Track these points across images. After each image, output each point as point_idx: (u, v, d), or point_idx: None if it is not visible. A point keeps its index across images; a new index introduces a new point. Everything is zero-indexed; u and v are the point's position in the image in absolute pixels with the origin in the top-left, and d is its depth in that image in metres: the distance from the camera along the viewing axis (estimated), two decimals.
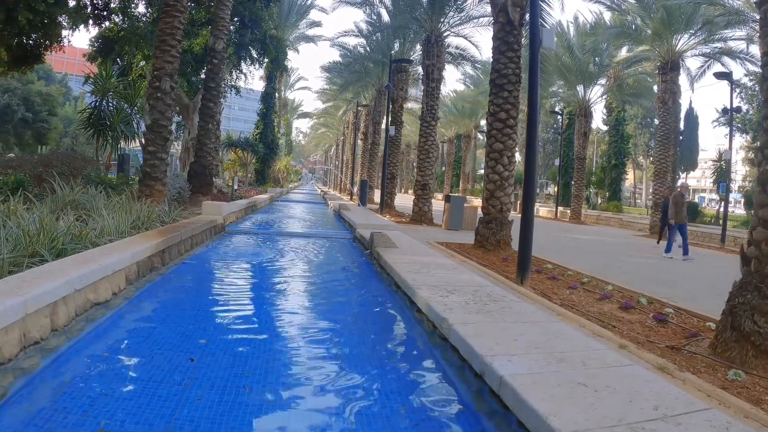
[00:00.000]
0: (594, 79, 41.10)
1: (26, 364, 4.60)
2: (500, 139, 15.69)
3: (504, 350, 4.71)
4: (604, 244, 23.17)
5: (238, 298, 8.08)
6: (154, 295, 7.50)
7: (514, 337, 5.12)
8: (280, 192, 39.82)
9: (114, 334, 5.81)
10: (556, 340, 5.17)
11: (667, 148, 32.23)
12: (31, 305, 4.77)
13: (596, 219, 41.24)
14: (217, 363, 5.14)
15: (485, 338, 5.02)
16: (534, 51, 10.73)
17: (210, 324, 6.54)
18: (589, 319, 7.73)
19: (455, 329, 5.31)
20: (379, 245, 10.91)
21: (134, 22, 27.62)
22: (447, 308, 6.07)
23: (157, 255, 8.69)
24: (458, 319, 5.61)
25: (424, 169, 25.70)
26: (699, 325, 7.91)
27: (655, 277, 13.53)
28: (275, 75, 49.00)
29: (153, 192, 15.23)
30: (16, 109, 55.52)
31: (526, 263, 10.24)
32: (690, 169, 70.84)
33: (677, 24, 28.88)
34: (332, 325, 6.76)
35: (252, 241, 14.27)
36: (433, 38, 25.65)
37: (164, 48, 15.74)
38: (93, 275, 6.13)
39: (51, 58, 42.31)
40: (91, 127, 23.14)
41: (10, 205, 10.06)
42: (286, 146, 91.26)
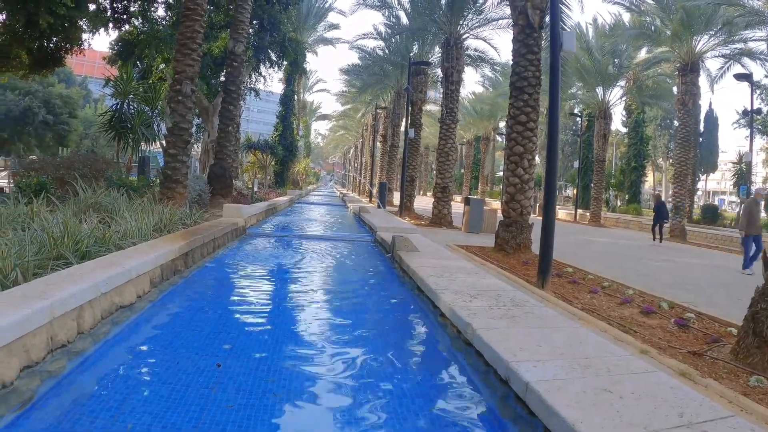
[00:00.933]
0: (613, 80, 40.91)
1: (53, 367, 4.63)
2: (520, 142, 15.67)
3: (529, 356, 4.69)
4: (623, 248, 23.03)
5: (261, 302, 8.12)
6: (178, 298, 7.54)
7: (538, 343, 5.10)
8: (299, 194, 39.84)
9: (139, 337, 5.86)
10: (580, 346, 5.16)
11: (687, 150, 32.07)
12: (57, 309, 4.80)
13: (616, 222, 41.07)
14: (241, 367, 5.15)
15: (510, 344, 5.01)
16: (555, 54, 10.70)
17: (233, 328, 6.56)
18: (611, 323, 7.73)
19: (479, 334, 5.30)
20: (401, 249, 10.89)
21: (154, 25, 27.79)
22: (471, 313, 6.05)
23: (181, 258, 8.72)
24: (482, 324, 5.60)
25: (444, 172, 25.67)
26: (720, 331, 7.90)
27: (674, 282, 13.45)
28: (294, 77, 49.05)
29: (174, 194, 15.28)
30: (37, 111, 55.90)
31: (546, 267, 10.22)
32: (710, 171, 70.46)
33: (697, 25, 28.75)
34: (355, 328, 6.76)
35: (273, 243, 14.26)
36: (452, 40, 25.61)
37: (185, 51, 15.80)
38: (118, 278, 6.16)
39: (71, 61, 42.46)
40: (112, 129, 23.23)
41: (33, 207, 10.15)
42: (305, 148, 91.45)
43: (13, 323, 4.17)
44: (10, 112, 54.18)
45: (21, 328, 4.26)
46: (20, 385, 4.18)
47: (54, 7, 16.50)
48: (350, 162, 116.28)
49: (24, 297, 4.76)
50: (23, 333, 4.29)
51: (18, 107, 54.48)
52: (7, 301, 4.60)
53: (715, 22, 28.61)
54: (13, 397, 4.07)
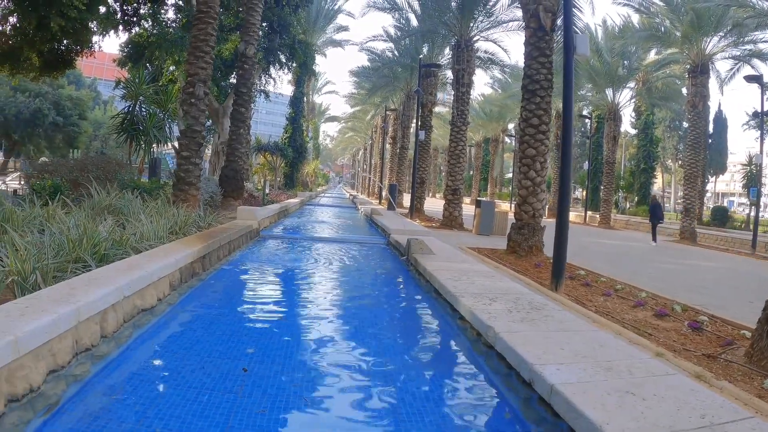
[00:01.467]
0: (623, 82, 40.85)
1: (78, 371, 4.66)
2: (533, 145, 15.66)
3: (552, 359, 4.72)
4: (633, 250, 23.00)
5: (280, 305, 8.16)
6: (197, 300, 7.56)
7: (560, 346, 5.12)
8: (309, 196, 39.97)
9: (161, 340, 5.89)
10: (601, 348, 5.17)
11: (698, 152, 32.00)
12: (83, 313, 4.84)
13: (625, 224, 41.02)
14: (266, 370, 5.16)
15: (533, 347, 5.03)
16: (568, 58, 10.71)
17: (255, 331, 6.59)
18: (625, 326, 7.74)
19: (502, 337, 5.33)
20: (416, 252, 10.90)
21: (164, 27, 27.87)
22: (491, 316, 6.07)
23: (198, 261, 8.76)
24: (504, 328, 5.62)
25: (455, 174, 25.66)
26: (733, 333, 7.90)
27: (686, 284, 13.45)
28: (304, 79, 49.07)
29: (187, 197, 15.32)
30: (47, 113, 56.09)
31: (560, 270, 10.24)
32: (719, 172, 70.23)
33: (707, 26, 28.68)
34: (375, 331, 6.81)
35: (287, 246, 14.30)
36: (462, 43, 25.61)
37: (198, 54, 15.84)
38: (140, 282, 6.20)
39: (80, 63, 42.60)
40: (124, 131, 23.34)
41: (49, 210, 10.21)
42: (314, 150, 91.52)
43: (41, 328, 4.21)
44: (21, 113, 54.37)
45: (48, 332, 4.30)
46: (47, 390, 4.21)
47: (65, 9, 16.55)
48: (359, 164, 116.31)
49: (50, 301, 4.81)
50: (50, 337, 4.33)
51: (28, 109, 54.66)
52: (34, 305, 4.64)
53: (724, 23, 28.52)
54: (40, 401, 4.10)
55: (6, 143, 62.71)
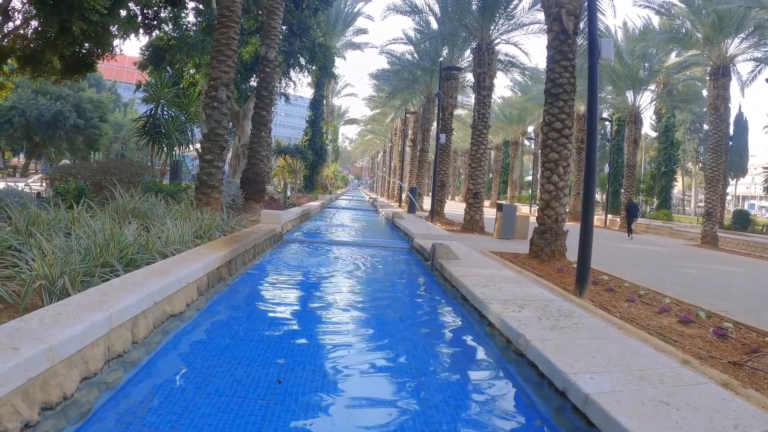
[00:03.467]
0: (643, 84, 40.68)
1: (110, 378, 4.68)
2: (555, 149, 15.56)
3: (584, 367, 4.70)
4: (655, 254, 22.82)
5: (307, 310, 8.15)
6: (224, 306, 7.58)
7: (591, 354, 5.11)
8: (330, 198, 40.07)
9: (191, 346, 5.88)
10: (632, 357, 5.14)
11: (719, 155, 31.68)
12: (116, 319, 4.87)
13: (646, 227, 40.64)
14: (298, 379, 5.14)
15: (564, 355, 5.03)
16: (593, 63, 10.63)
17: (285, 337, 6.56)
18: (651, 333, 7.67)
19: (533, 345, 5.32)
20: (442, 257, 10.86)
21: (184, 31, 27.97)
22: (522, 324, 6.07)
23: (225, 266, 8.78)
24: (535, 336, 5.61)
25: (476, 178, 25.57)
26: (759, 340, 7.85)
27: (710, 290, 13.30)
28: (323, 82, 49.14)
29: (210, 200, 15.37)
30: (68, 115, 56.73)
31: (584, 275, 10.16)
32: (740, 175, 69.88)
33: (728, 28, 28.47)
34: (404, 338, 6.77)
35: (311, 250, 14.32)
36: (483, 46, 25.53)
37: (220, 58, 15.89)
38: (170, 288, 6.23)
39: (101, 66, 42.84)
40: (146, 134, 23.45)
41: (74, 213, 10.24)
42: (334, 152, 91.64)
43: (74, 336, 4.23)
44: (42, 116, 55.00)
45: (81, 340, 4.33)
46: (79, 397, 4.23)
47: (87, 13, 16.62)
48: (379, 166, 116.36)
49: (82, 307, 4.83)
50: (83, 345, 4.36)
51: (49, 111, 55.27)
52: (66, 311, 4.66)
53: (746, 24, 28.31)
54: (73, 409, 4.11)
55: (27, 145, 63.42)
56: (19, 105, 55.01)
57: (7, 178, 50.07)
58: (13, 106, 54.83)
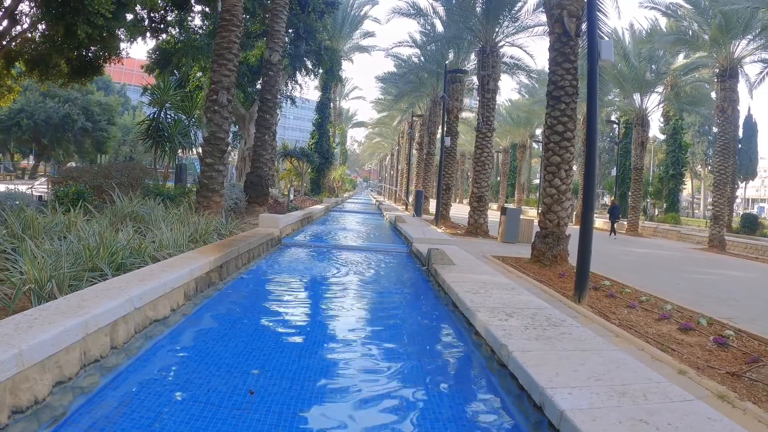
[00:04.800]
0: (650, 87, 40.33)
1: (86, 383, 4.68)
2: (557, 152, 15.44)
3: (564, 381, 4.58)
4: (661, 259, 22.66)
5: (293, 316, 8.06)
6: (212, 311, 7.53)
7: (574, 367, 4.97)
8: (335, 202, 39.67)
9: (172, 352, 5.86)
10: (617, 370, 4.99)
11: (727, 158, 31.45)
12: (92, 325, 4.85)
13: (653, 231, 40.43)
14: (274, 386, 5.09)
15: (545, 367, 4.93)
16: (593, 64, 10.55)
17: (266, 345, 6.47)
18: (648, 341, 7.56)
19: (515, 357, 5.20)
20: (437, 262, 10.75)
21: (191, 34, 28.03)
22: (506, 333, 5.95)
23: (215, 270, 8.74)
24: (518, 346, 5.48)
25: (480, 181, 25.40)
26: (760, 349, 7.62)
27: (715, 295, 13.14)
28: (330, 85, 49.24)
29: (210, 203, 15.38)
30: (76, 118, 57.05)
31: (584, 281, 10.05)
32: (749, 178, 69.48)
33: (735, 29, 28.24)
34: (390, 346, 6.68)
35: (308, 254, 14.20)
36: (488, 48, 25.39)
37: (221, 62, 15.91)
38: (152, 293, 6.19)
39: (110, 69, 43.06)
40: (149, 138, 23.50)
41: (70, 217, 10.24)
42: (341, 155, 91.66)
43: (47, 340, 4.23)
44: (50, 119, 55.29)
45: (54, 345, 4.32)
46: (53, 401, 4.24)
47: (92, 17, 16.66)
48: (386, 169, 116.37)
49: (59, 312, 4.82)
50: (56, 350, 4.35)
51: (58, 114, 55.57)
52: (42, 317, 4.66)
53: (753, 26, 28.10)
54: (46, 412, 4.12)
55: (36, 148, 63.75)
56: (28, 108, 55.35)
57: (15, 180, 50.42)
58: (22, 109, 55.18)
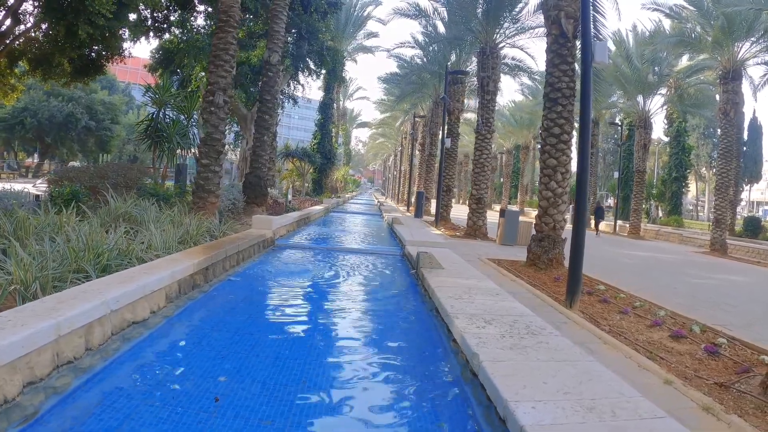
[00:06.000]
0: (653, 89, 40.24)
1: (58, 383, 4.70)
2: (554, 155, 15.39)
3: (531, 395, 4.43)
4: (661, 262, 22.56)
5: (274, 319, 8.03)
6: (194, 314, 7.50)
7: (544, 379, 4.81)
8: (335, 203, 39.37)
9: (149, 354, 5.84)
10: (590, 383, 4.81)
11: (729, 160, 31.35)
12: (64, 327, 4.87)
13: (656, 234, 40.32)
14: (245, 391, 5.07)
15: (514, 379, 4.76)
16: (586, 66, 10.51)
17: (243, 347, 6.43)
18: (637, 348, 7.48)
19: (484, 367, 5.05)
20: (425, 266, 10.62)
21: (193, 34, 28.06)
22: (480, 342, 5.78)
23: (200, 273, 8.72)
24: (489, 356, 5.34)
25: (479, 183, 25.34)
26: (752, 359, 7.47)
27: (712, 300, 13.03)
28: (333, 85, 49.34)
29: (206, 204, 15.38)
30: (79, 117, 57.20)
31: (575, 286, 9.99)
32: (754, 181, 69.24)
33: (738, 31, 28.14)
34: (366, 355, 6.55)
35: (299, 256, 14.14)
36: (488, 50, 25.34)
37: (218, 63, 15.91)
38: (131, 295, 6.21)
39: (115, 69, 43.14)
40: (148, 138, 23.51)
41: (62, 218, 10.25)
42: (345, 156, 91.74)
43: (16, 342, 4.26)
44: (54, 117, 55.47)
45: (24, 346, 4.35)
46: (23, 401, 4.27)
47: (93, 18, 16.69)
48: (390, 170, 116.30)
49: (33, 314, 4.86)
50: (27, 351, 4.38)
51: (61, 113, 55.75)
52: (16, 318, 4.69)
53: (756, 28, 27.99)
54: (16, 412, 4.16)
55: (40, 146, 63.98)
56: (31, 106, 55.50)
57: (19, 178, 50.51)
58: (25, 108, 55.30)
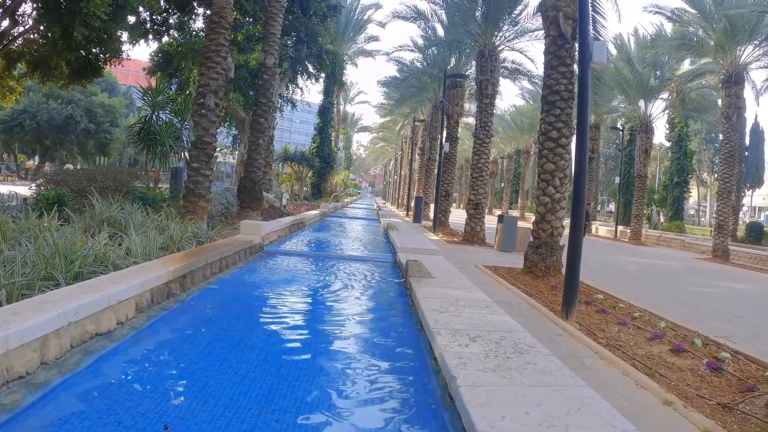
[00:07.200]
0: (655, 93, 40.12)
1: (8, 400, 4.45)
2: (552, 159, 15.09)
3: (509, 427, 3.85)
4: (662, 269, 22.25)
5: (250, 333, 7.48)
6: (166, 325, 7.12)
7: (526, 409, 4.19)
8: (333, 207, 38.78)
9: (111, 369, 5.49)
10: (577, 413, 4.21)
11: (732, 165, 31.11)
12: (13, 341, 4.59)
13: (657, 239, 40.04)
14: (206, 414, 4.70)
15: (492, 408, 4.16)
16: (584, 66, 10.25)
17: (213, 363, 6.02)
18: (635, 364, 7.07)
19: (461, 393, 4.45)
20: (414, 275, 10.17)
21: (192, 37, 27.95)
22: (461, 363, 5.17)
23: (176, 281, 8.36)
24: (468, 380, 4.74)
25: (477, 188, 25.10)
26: (758, 375, 7.01)
27: (715, 310, 12.67)
28: (332, 89, 49.28)
29: (196, 209, 15.16)
30: (79, 119, 57.36)
31: (572, 296, 9.68)
32: (756, 186, 69.22)
33: (741, 35, 27.97)
34: (342, 377, 5.93)
35: (287, 264, 13.68)
36: (486, 52, 25.10)
37: (209, 65, 15.74)
38: (93, 306, 5.87)
39: (116, 71, 42.97)
40: (140, 141, 23.36)
41: (42, 222, 10.01)
42: (346, 160, 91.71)
43: None
44: (53, 120, 55.68)
45: None
46: None
47: (88, 19, 16.57)
48: (390, 174, 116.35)
49: None
50: None
51: (60, 115, 55.96)
52: None
53: (760, 31, 27.82)
54: None
55: (39, 148, 64.17)
56: (30, 109, 55.72)
57: (18, 180, 50.58)
58: (24, 110, 55.50)
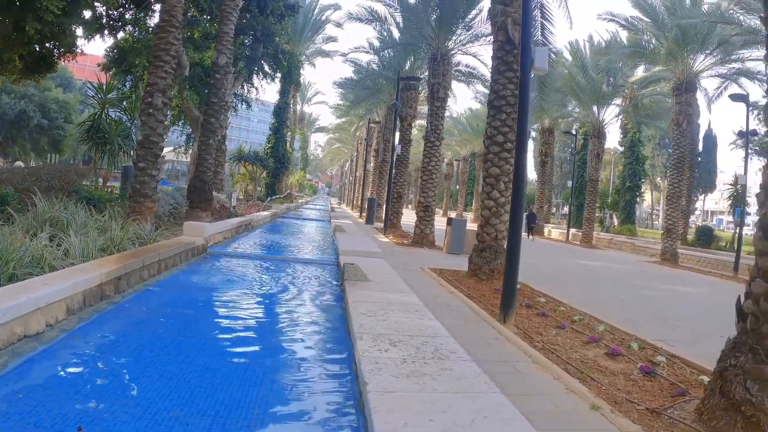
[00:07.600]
0: (608, 99, 40.80)
1: None
2: (497, 164, 15.26)
3: None
4: (611, 272, 22.62)
5: (179, 336, 7.42)
6: (97, 328, 7.05)
7: (431, 416, 4.17)
8: (286, 208, 38.35)
9: (37, 371, 5.47)
10: (484, 422, 4.17)
11: (681, 171, 31.78)
12: None
13: (608, 242, 40.65)
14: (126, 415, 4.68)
15: (396, 414, 4.15)
16: (525, 72, 10.49)
17: (139, 366, 5.98)
18: (568, 368, 7.20)
19: (369, 399, 4.46)
20: (350, 278, 10.18)
21: (147, 33, 27.66)
22: (376, 368, 5.21)
23: (110, 283, 8.30)
24: (379, 385, 4.76)
25: (427, 191, 25.21)
26: (691, 379, 7.18)
27: (657, 313, 12.95)
28: (288, 89, 48.98)
29: (142, 209, 15.06)
30: (31, 115, 56.19)
31: (510, 300, 9.85)
32: (708, 191, 70.45)
33: (693, 43, 28.67)
34: (265, 386, 5.88)
35: (229, 265, 13.56)
36: (439, 56, 25.26)
37: (158, 63, 15.64)
38: (21, 308, 5.85)
39: (72, 66, 42.28)
40: (89, 140, 23.08)
41: None
42: (302, 160, 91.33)
43: None
44: (5, 115, 54.54)
45: None
46: None
47: (41, 13, 16.29)
48: (346, 175, 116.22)
49: None
50: None
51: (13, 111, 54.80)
52: None
53: (711, 41, 28.43)
54: None
55: None
56: None
57: None
58: None
